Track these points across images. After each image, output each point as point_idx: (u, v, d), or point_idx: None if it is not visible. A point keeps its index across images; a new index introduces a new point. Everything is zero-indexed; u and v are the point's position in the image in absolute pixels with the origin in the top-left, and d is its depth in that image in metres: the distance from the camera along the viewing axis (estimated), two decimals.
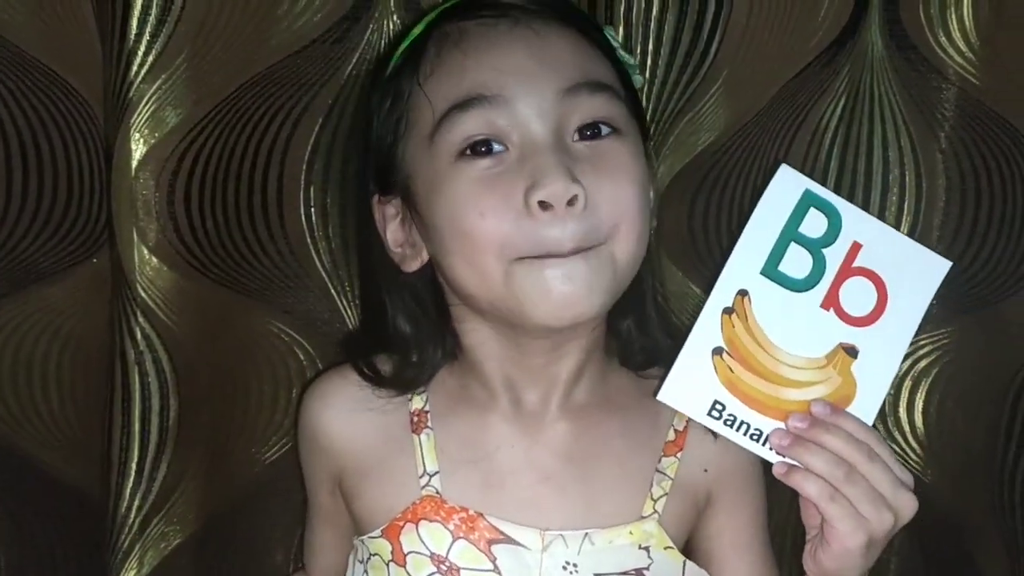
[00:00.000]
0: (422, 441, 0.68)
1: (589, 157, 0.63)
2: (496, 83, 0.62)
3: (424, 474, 0.67)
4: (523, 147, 0.62)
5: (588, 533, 0.66)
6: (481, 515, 0.66)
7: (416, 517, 0.66)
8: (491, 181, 0.62)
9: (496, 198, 0.61)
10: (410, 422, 0.69)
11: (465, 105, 0.62)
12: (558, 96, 0.62)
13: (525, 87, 0.62)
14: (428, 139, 0.63)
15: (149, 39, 0.72)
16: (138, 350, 0.77)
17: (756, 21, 0.80)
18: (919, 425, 0.91)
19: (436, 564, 0.66)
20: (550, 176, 0.60)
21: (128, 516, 0.80)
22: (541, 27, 0.64)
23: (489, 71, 0.63)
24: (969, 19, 0.84)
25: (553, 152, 0.61)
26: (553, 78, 0.63)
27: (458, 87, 0.63)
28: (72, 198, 0.80)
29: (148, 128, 0.74)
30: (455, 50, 0.64)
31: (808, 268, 0.61)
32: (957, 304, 0.88)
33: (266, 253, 0.81)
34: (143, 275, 0.76)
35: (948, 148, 0.86)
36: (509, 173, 0.62)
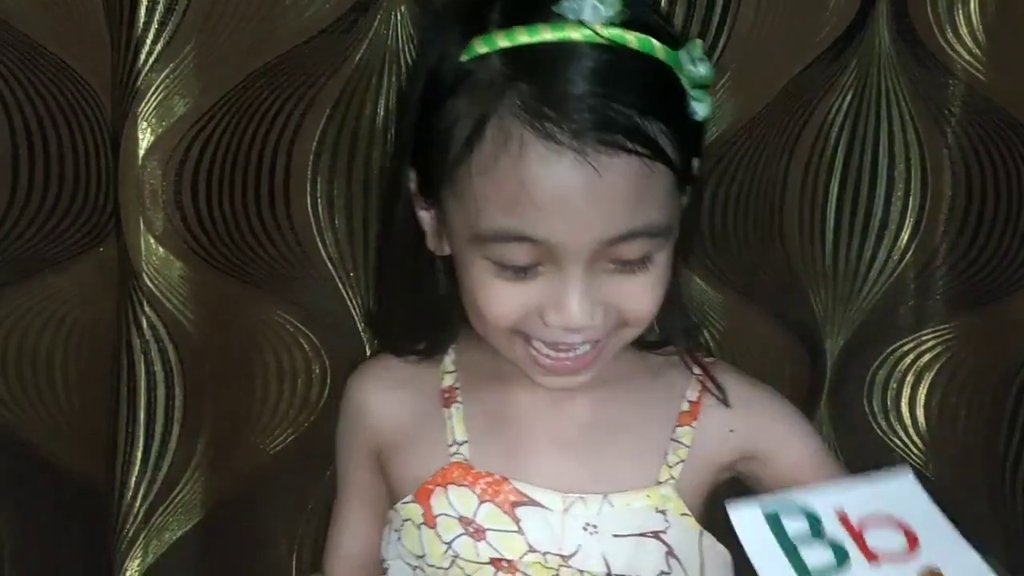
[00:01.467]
0: (452, 414, 0.72)
1: (617, 274, 0.64)
2: (545, 229, 0.61)
3: (454, 443, 0.71)
4: (554, 273, 0.63)
5: (607, 495, 0.69)
6: (506, 479, 0.69)
7: (445, 481, 0.70)
8: (516, 288, 0.64)
9: (515, 301, 0.64)
10: (441, 398, 0.73)
11: (510, 239, 0.62)
12: (601, 244, 0.62)
13: (574, 236, 0.61)
14: (469, 234, 0.64)
15: (157, 27, 0.72)
16: (144, 339, 0.77)
17: (764, 15, 0.80)
18: (921, 419, 0.91)
19: (464, 526, 0.69)
20: (571, 313, 0.63)
21: (133, 505, 0.80)
22: (606, 165, 0.60)
23: (539, 214, 0.61)
24: (976, 16, 0.84)
25: (580, 284, 0.63)
26: (604, 228, 0.61)
27: (507, 217, 0.61)
28: (79, 187, 0.80)
29: (156, 117, 0.74)
30: (512, 170, 0.61)
31: (829, 555, 0.59)
32: (961, 299, 0.88)
33: (272, 243, 0.81)
34: (150, 264, 0.77)
35: (954, 144, 0.86)
36: (534, 286, 0.64)
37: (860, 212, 0.88)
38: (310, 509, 0.87)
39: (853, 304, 0.90)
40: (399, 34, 0.80)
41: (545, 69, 0.61)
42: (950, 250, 0.88)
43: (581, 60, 0.61)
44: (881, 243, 0.88)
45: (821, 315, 0.90)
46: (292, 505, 0.87)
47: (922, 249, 0.88)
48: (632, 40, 0.62)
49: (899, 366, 0.90)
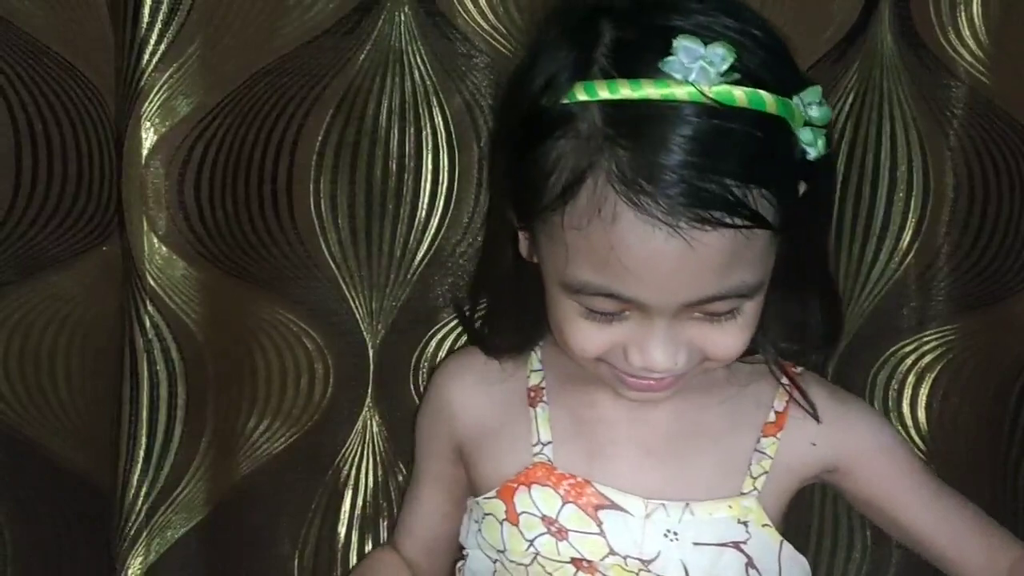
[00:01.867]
0: (537, 414, 0.73)
1: (703, 322, 0.64)
2: (633, 290, 0.61)
3: (538, 443, 0.72)
4: (639, 318, 0.63)
5: (688, 504, 0.69)
6: (588, 482, 0.70)
7: (529, 480, 0.71)
8: (600, 327, 0.65)
9: (600, 339, 0.65)
10: (527, 396, 0.74)
11: (597, 293, 0.63)
12: (690, 304, 0.62)
13: (661, 298, 0.62)
14: (558, 278, 0.64)
15: (161, 27, 0.72)
16: (147, 338, 0.77)
17: (767, 16, 0.79)
18: (922, 420, 0.91)
19: (547, 525, 0.70)
20: (654, 358, 0.64)
21: (135, 504, 0.80)
22: (699, 238, 0.59)
23: (630, 277, 0.61)
24: (979, 18, 0.84)
25: (664, 333, 0.63)
26: (691, 293, 0.61)
27: (596, 274, 0.62)
28: (82, 185, 0.80)
29: (159, 117, 0.74)
30: (603, 232, 0.60)
31: None
32: (963, 300, 0.88)
33: (275, 243, 0.81)
34: (153, 264, 0.77)
35: (956, 146, 0.86)
36: (619, 328, 0.64)
37: (862, 213, 0.88)
38: (313, 508, 0.87)
39: (854, 305, 0.90)
40: (403, 34, 0.80)
41: (644, 132, 0.59)
42: (952, 251, 0.88)
43: (683, 124, 0.59)
44: (883, 244, 0.88)
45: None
46: (294, 504, 0.87)
47: (924, 250, 0.88)
48: (741, 97, 0.59)
49: (900, 367, 0.90)
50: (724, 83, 0.59)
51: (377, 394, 0.86)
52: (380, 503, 0.88)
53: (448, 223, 0.83)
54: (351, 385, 0.85)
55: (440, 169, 0.82)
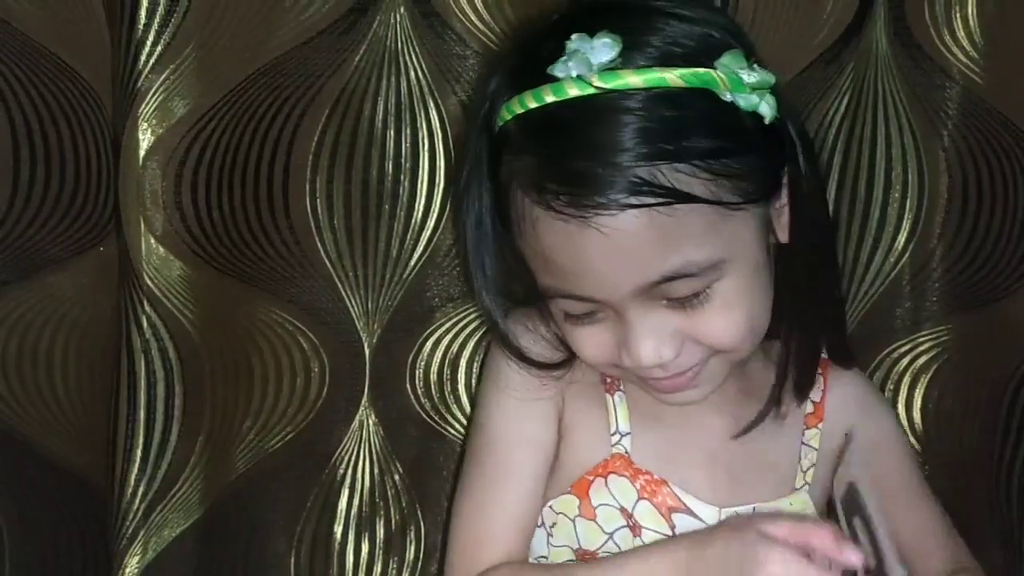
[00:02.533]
0: (615, 401, 0.71)
1: (677, 309, 0.63)
2: (579, 286, 0.62)
3: (616, 432, 0.71)
4: (615, 318, 0.64)
5: (756, 507, 0.70)
6: (665, 482, 0.69)
7: (607, 471, 0.70)
8: (587, 329, 0.65)
9: (595, 342, 0.65)
10: (603, 382, 0.72)
11: (559, 295, 0.64)
12: (638, 290, 0.61)
13: (606, 292, 0.62)
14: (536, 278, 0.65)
15: (158, 29, 0.72)
16: (144, 338, 0.78)
17: (761, 18, 0.80)
18: (918, 421, 0.91)
19: (625, 518, 0.69)
20: (639, 354, 0.63)
21: (132, 503, 0.80)
22: (611, 225, 0.59)
23: (570, 276, 0.62)
24: (973, 18, 0.84)
25: (639, 327, 0.62)
26: (632, 279, 0.61)
27: (548, 277, 0.64)
28: (79, 186, 0.80)
29: (156, 118, 0.74)
30: (534, 239, 0.63)
31: None
32: (957, 301, 0.88)
33: (271, 243, 0.82)
34: (150, 264, 0.77)
35: (951, 146, 0.86)
36: (604, 329, 0.64)
37: (857, 214, 0.89)
38: (309, 507, 0.87)
39: (850, 305, 0.90)
40: (398, 35, 0.80)
41: (546, 135, 0.61)
42: (946, 252, 0.88)
43: (580, 119, 0.59)
44: (878, 245, 0.89)
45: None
46: (291, 503, 0.87)
47: (918, 251, 0.88)
48: (635, 80, 0.59)
49: (895, 368, 0.91)
50: (613, 69, 0.59)
51: (373, 393, 0.86)
52: (376, 502, 0.88)
53: (444, 223, 0.84)
54: (347, 384, 0.85)
55: (436, 169, 0.83)
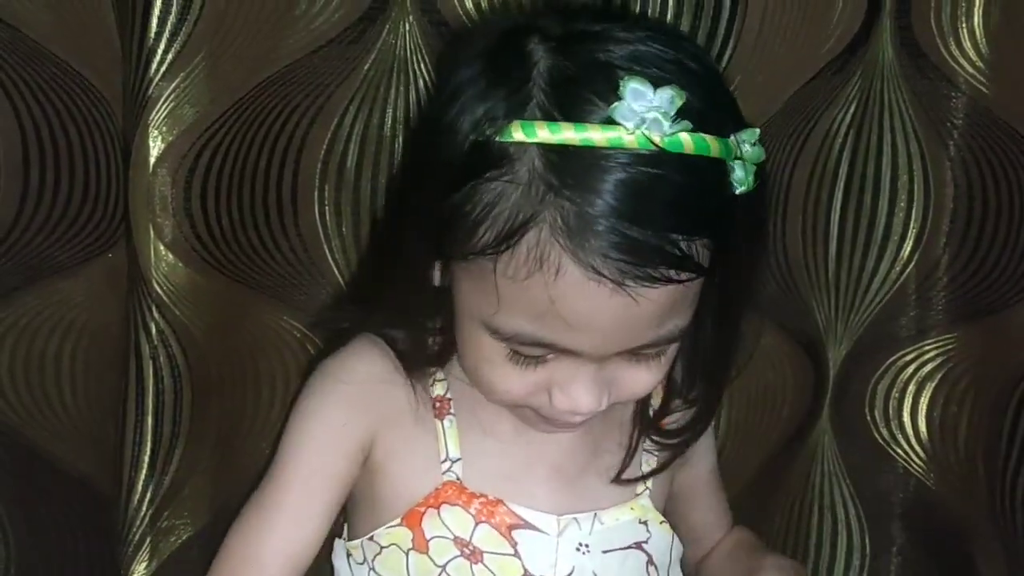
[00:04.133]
0: (445, 427, 0.69)
1: (624, 365, 0.63)
2: (569, 341, 0.59)
3: (446, 459, 0.69)
4: (568, 363, 0.61)
5: (597, 514, 0.70)
6: (501, 501, 0.68)
7: (438, 501, 0.68)
8: (525, 370, 0.62)
9: (523, 382, 0.62)
10: (433, 407, 0.70)
11: (531, 344, 0.60)
12: (625, 351, 0.61)
13: (596, 348, 0.60)
14: (483, 323, 0.61)
15: (169, 37, 0.72)
16: (152, 345, 0.78)
17: (769, 28, 0.81)
18: (923, 429, 0.92)
19: (460, 548, 0.67)
20: (579, 402, 0.62)
21: (140, 509, 0.80)
22: (644, 293, 0.57)
23: (568, 331, 0.58)
24: (979, 28, 0.85)
25: (592, 377, 0.61)
26: (629, 342, 0.60)
27: (530, 325, 0.59)
28: (88, 193, 0.80)
29: (166, 126, 0.75)
30: (543, 286, 0.57)
31: None
32: (963, 310, 0.89)
33: (280, 250, 0.82)
34: (159, 271, 0.77)
35: (957, 156, 0.87)
36: (544, 370, 0.62)
37: (863, 223, 0.89)
38: None
39: (855, 314, 0.90)
40: (407, 44, 0.81)
41: (591, 184, 0.55)
42: (952, 261, 0.88)
43: (630, 175, 0.55)
44: (884, 254, 0.89)
45: (824, 325, 0.91)
46: None
47: (924, 260, 0.88)
48: (688, 144, 0.56)
49: (901, 376, 0.91)
50: (674, 131, 0.56)
51: None
52: None
53: None
54: None
55: None
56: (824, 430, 0.93)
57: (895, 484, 0.93)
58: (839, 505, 0.94)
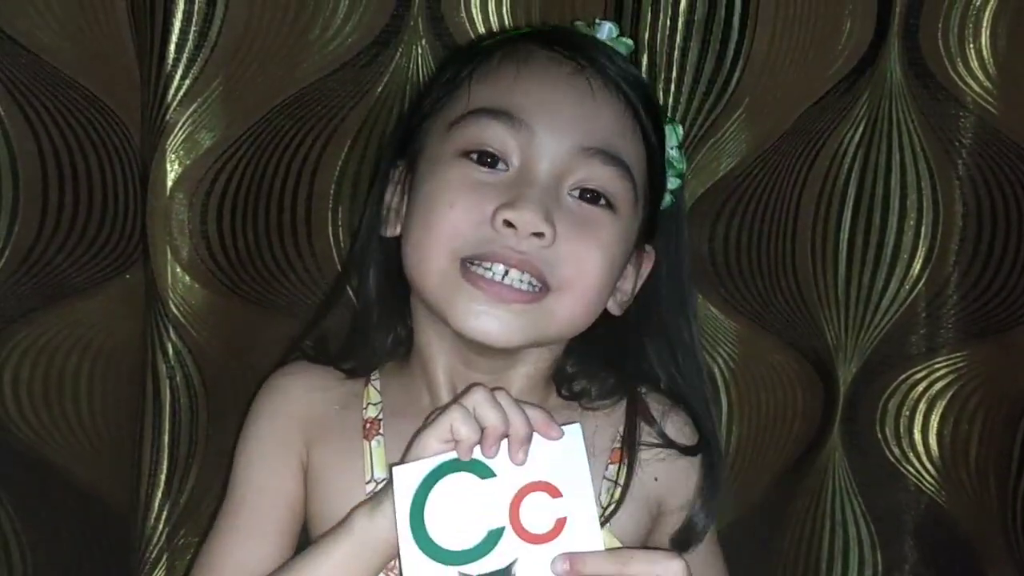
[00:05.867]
0: (372, 448, 0.70)
1: (574, 213, 0.66)
2: (528, 111, 0.66)
3: (371, 480, 0.69)
4: (520, 173, 0.65)
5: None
6: None
7: None
8: (476, 185, 0.65)
9: (471, 199, 0.65)
10: (363, 428, 0.71)
11: (493, 113, 0.66)
12: (574, 150, 0.66)
13: (551, 129, 0.65)
14: (448, 126, 0.67)
15: (187, 64, 0.74)
16: (169, 365, 0.79)
17: (778, 49, 0.81)
18: (934, 447, 0.91)
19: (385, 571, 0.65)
20: (526, 206, 0.64)
21: (156, 527, 0.81)
22: (600, 86, 0.67)
23: (528, 99, 0.66)
24: (987, 49, 0.85)
25: (541, 190, 0.65)
26: (579, 134, 0.66)
27: (496, 97, 0.66)
28: (106, 215, 0.82)
29: (183, 150, 0.76)
30: (512, 66, 0.68)
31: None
32: (973, 328, 0.89)
33: (294, 271, 0.83)
34: (175, 292, 0.78)
35: (965, 175, 0.87)
36: (495, 188, 0.65)
37: (872, 241, 0.89)
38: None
39: (865, 332, 0.90)
40: (419, 67, 0.82)
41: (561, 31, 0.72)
42: (961, 279, 0.88)
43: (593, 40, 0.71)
44: (893, 272, 0.89)
45: (834, 343, 0.91)
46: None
47: (934, 278, 0.89)
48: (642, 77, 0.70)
49: (911, 394, 0.91)
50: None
51: None
52: None
53: None
54: None
55: None
56: (835, 448, 0.93)
57: (907, 502, 0.93)
58: (851, 523, 0.94)
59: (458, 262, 0.65)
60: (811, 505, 0.93)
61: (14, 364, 0.81)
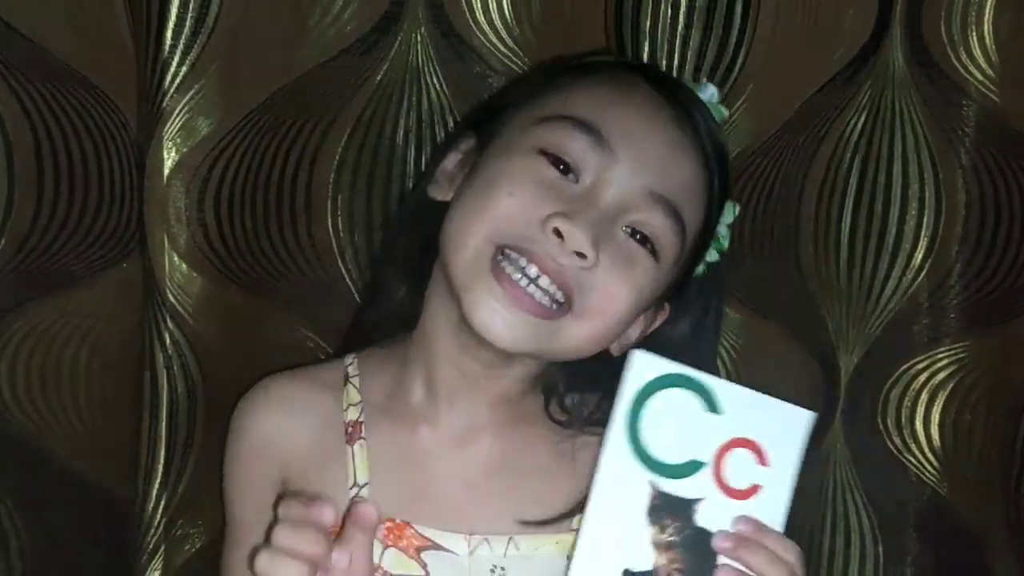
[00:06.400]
0: (355, 452, 0.70)
1: (621, 248, 0.66)
2: (617, 137, 0.66)
3: (354, 485, 0.69)
4: (587, 191, 0.65)
5: (512, 538, 0.68)
6: (408, 523, 0.67)
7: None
8: (541, 185, 0.65)
9: (532, 196, 0.65)
10: (344, 432, 0.71)
11: (585, 126, 0.65)
12: (644, 190, 0.66)
13: (632, 161, 0.65)
14: (536, 121, 0.67)
15: (183, 50, 0.73)
16: (167, 354, 0.78)
17: (780, 37, 0.81)
18: (936, 437, 0.91)
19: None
20: (581, 223, 0.63)
21: (154, 517, 0.81)
22: (689, 142, 0.68)
23: (622, 124, 0.66)
24: (990, 37, 0.85)
25: (600, 214, 0.65)
26: (655, 177, 0.66)
27: (591, 113, 0.66)
28: (103, 204, 0.81)
29: (180, 137, 0.75)
30: (615, 89, 0.68)
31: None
32: (975, 318, 0.89)
33: (293, 260, 0.82)
34: (173, 281, 0.78)
35: (968, 164, 0.87)
36: (559, 194, 0.65)
37: (874, 231, 0.89)
38: None
39: (867, 322, 0.90)
40: (419, 55, 0.81)
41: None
42: (964, 269, 0.88)
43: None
44: (895, 262, 0.89)
45: (835, 333, 0.91)
46: None
47: (936, 268, 0.88)
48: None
49: (913, 384, 0.91)
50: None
51: None
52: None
53: None
54: None
55: None
56: (836, 438, 0.93)
57: (909, 493, 0.92)
58: (852, 514, 0.93)
59: (493, 247, 0.64)
60: (812, 496, 0.93)
61: (10, 354, 0.81)
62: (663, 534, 0.59)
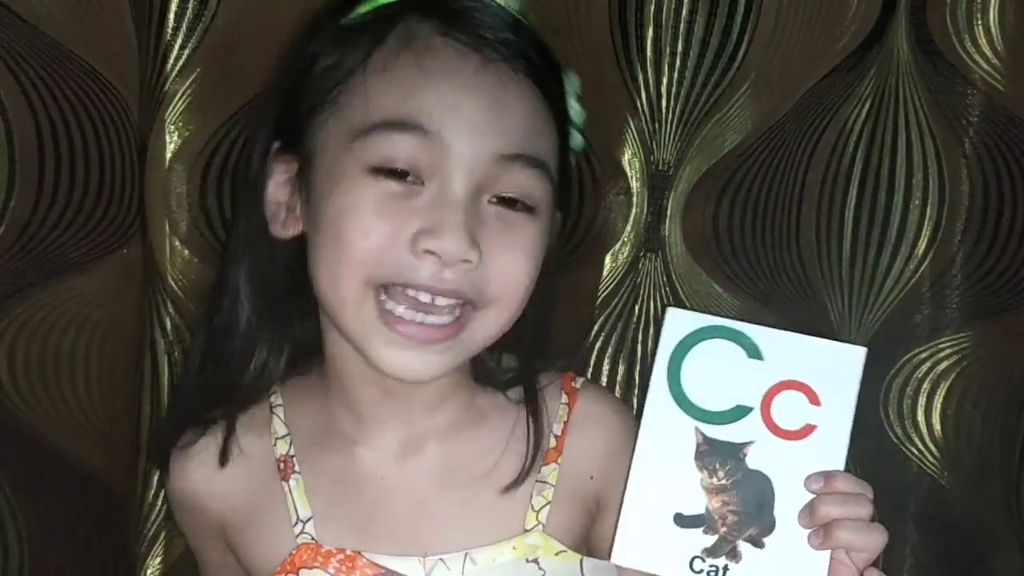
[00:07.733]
0: (291, 487, 0.67)
1: (496, 223, 0.61)
2: (440, 120, 0.59)
3: (298, 522, 0.66)
4: (437, 192, 0.60)
5: (468, 553, 0.65)
6: (359, 553, 0.65)
7: (295, 567, 0.65)
8: (390, 208, 0.59)
9: (387, 227, 0.59)
10: (277, 469, 0.68)
11: (401, 127, 0.59)
12: (493, 159, 0.60)
13: (466, 139, 0.59)
14: (351, 134, 0.60)
15: (185, 34, 0.73)
16: (168, 340, 0.78)
17: (784, 25, 0.81)
18: (937, 427, 0.91)
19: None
20: (450, 234, 0.59)
21: (154, 505, 0.81)
22: (509, 79, 0.60)
23: (438, 105, 0.59)
24: (995, 26, 0.84)
25: (463, 211, 0.59)
26: (496, 140, 0.60)
27: (401, 105, 0.59)
28: (104, 189, 0.81)
29: (182, 122, 0.75)
30: (414, 62, 0.60)
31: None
32: (978, 308, 0.88)
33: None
34: (174, 266, 0.78)
35: (972, 153, 0.86)
36: (411, 209, 0.59)
37: (877, 220, 0.89)
38: None
39: (869, 312, 0.90)
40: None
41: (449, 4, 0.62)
42: (967, 259, 0.88)
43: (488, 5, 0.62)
44: (898, 251, 0.89)
45: (837, 322, 0.90)
46: None
47: (939, 257, 0.88)
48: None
49: (915, 374, 0.90)
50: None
51: None
52: None
53: None
54: None
55: None
56: None
57: (909, 483, 0.92)
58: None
59: (372, 290, 0.60)
60: None
61: (10, 340, 0.80)
62: (713, 478, 0.60)
